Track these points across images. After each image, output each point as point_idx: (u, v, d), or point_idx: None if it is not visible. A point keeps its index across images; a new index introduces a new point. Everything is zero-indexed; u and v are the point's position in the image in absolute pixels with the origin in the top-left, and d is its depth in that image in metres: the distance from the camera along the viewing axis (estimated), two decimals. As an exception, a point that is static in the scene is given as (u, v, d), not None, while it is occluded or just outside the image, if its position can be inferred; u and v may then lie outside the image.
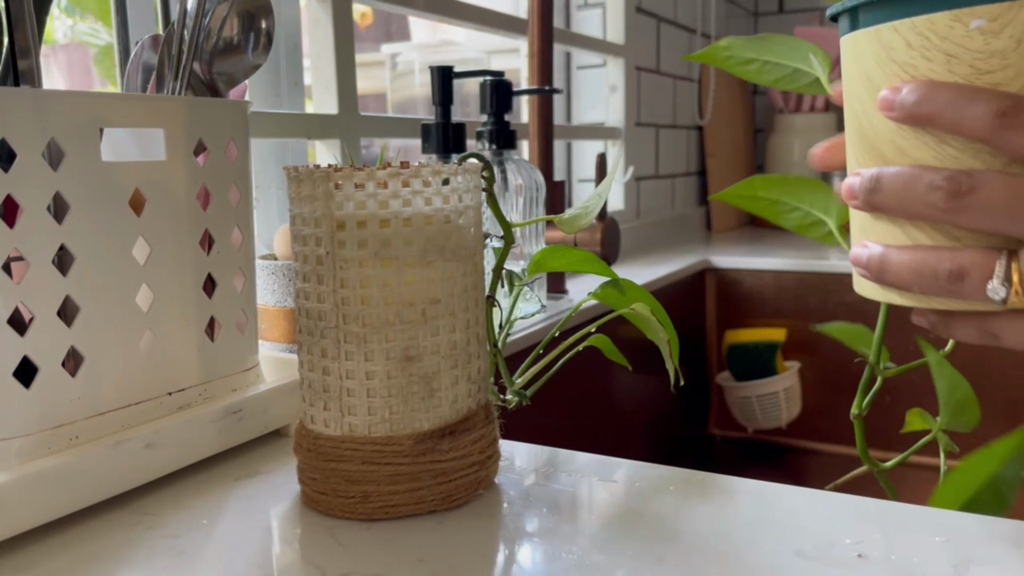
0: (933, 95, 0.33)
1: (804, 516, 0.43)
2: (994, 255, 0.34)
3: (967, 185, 0.33)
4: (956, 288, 0.34)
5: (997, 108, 0.32)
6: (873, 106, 0.36)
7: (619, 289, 0.52)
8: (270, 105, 0.88)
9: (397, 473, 0.43)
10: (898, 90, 0.35)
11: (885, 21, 0.35)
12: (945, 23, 0.34)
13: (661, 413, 1.34)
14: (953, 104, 0.33)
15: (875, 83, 0.36)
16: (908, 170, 0.35)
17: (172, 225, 0.50)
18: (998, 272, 0.34)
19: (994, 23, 0.33)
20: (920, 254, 0.35)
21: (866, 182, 0.36)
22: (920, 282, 0.35)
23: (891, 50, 0.35)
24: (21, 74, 0.44)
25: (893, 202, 0.35)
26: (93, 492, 0.44)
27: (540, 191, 0.89)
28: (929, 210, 0.34)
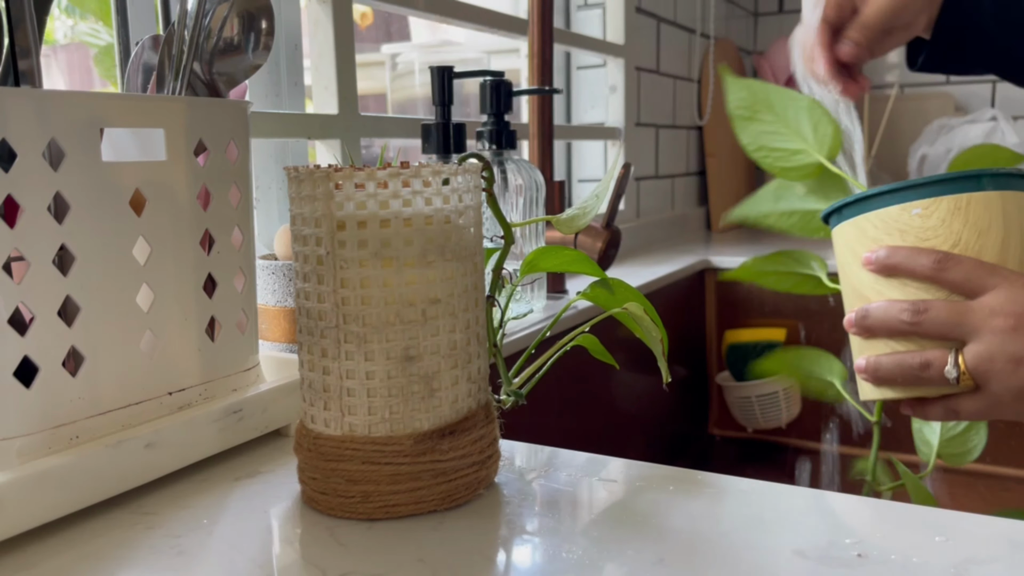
0: (896, 253, 0.53)
1: (804, 516, 0.43)
2: (946, 351, 0.51)
3: (923, 307, 0.51)
4: (925, 375, 0.52)
5: (935, 259, 0.51)
6: (858, 267, 0.55)
7: (608, 289, 0.52)
8: (270, 105, 0.88)
9: (397, 473, 0.43)
10: (874, 252, 0.53)
11: (860, 214, 0.55)
12: (896, 212, 0.53)
13: (661, 413, 1.34)
14: (908, 258, 0.52)
15: (856, 253, 0.55)
16: (885, 303, 0.53)
17: (172, 225, 0.50)
18: (951, 361, 0.51)
19: (926, 210, 0.52)
20: (900, 355, 0.53)
21: (860, 312, 0.54)
22: (902, 374, 0.53)
23: (865, 231, 0.54)
24: (21, 74, 0.44)
25: (877, 324, 0.53)
26: (93, 492, 0.44)
27: (540, 191, 0.89)
28: (902, 326, 0.52)
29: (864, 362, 0.55)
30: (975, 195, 0.51)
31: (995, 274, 0.50)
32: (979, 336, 0.50)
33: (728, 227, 1.91)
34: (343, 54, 0.89)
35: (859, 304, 0.55)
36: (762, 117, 0.73)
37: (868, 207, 0.54)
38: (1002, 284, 0.50)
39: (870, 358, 0.55)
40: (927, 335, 0.51)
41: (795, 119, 0.71)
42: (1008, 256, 0.51)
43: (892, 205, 0.53)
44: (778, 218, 0.75)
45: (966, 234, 0.51)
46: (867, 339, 0.55)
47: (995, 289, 0.50)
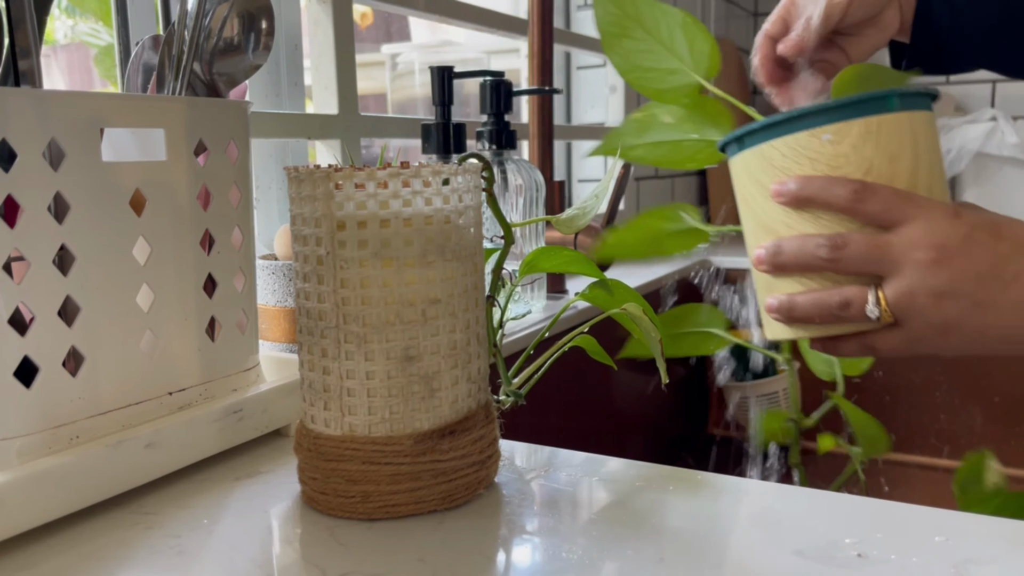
0: (809, 184, 0.49)
1: (804, 516, 0.43)
2: (866, 288, 0.48)
3: (841, 242, 0.48)
4: (845, 314, 0.49)
5: (852, 188, 0.48)
6: (764, 199, 0.51)
7: (607, 289, 0.52)
8: (270, 105, 0.88)
9: (397, 473, 0.43)
10: (784, 183, 0.49)
11: (765, 141, 0.50)
12: (805, 138, 0.49)
13: (661, 413, 1.34)
14: (823, 189, 0.48)
15: (763, 184, 0.51)
16: (800, 238, 0.49)
17: (173, 225, 0.50)
18: (871, 299, 0.48)
19: (836, 135, 0.48)
20: (817, 294, 0.50)
21: (771, 248, 0.50)
22: (820, 313, 0.49)
23: (771, 160, 0.50)
24: (22, 74, 0.44)
25: (792, 260, 0.50)
26: (93, 492, 0.44)
27: (540, 191, 0.89)
28: (819, 262, 0.49)
29: (776, 301, 0.51)
30: (886, 117, 0.48)
31: (913, 203, 0.48)
32: (899, 271, 0.47)
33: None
34: (343, 54, 0.89)
35: (767, 239, 0.51)
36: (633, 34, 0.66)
37: (773, 133, 0.50)
38: (920, 215, 0.47)
39: (783, 297, 0.51)
40: (846, 271, 0.49)
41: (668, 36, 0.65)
42: (918, 182, 0.49)
43: (801, 131, 0.49)
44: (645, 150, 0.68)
45: (877, 160, 0.48)
46: (777, 276, 0.51)
47: (913, 220, 0.47)
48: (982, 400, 1.30)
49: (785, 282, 0.51)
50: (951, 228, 0.47)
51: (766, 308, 0.52)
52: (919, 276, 0.47)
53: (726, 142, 0.54)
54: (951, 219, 0.47)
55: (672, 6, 0.66)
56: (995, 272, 0.46)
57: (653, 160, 0.67)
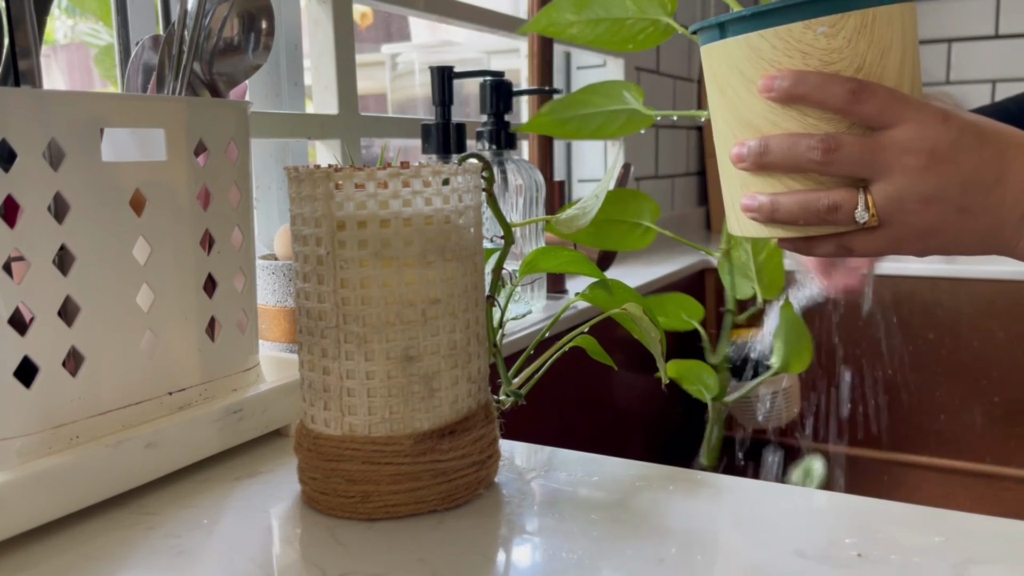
0: (803, 79, 0.46)
1: (804, 516, 0.43)
2: (855, 191, 0.47)
3: (834, 144, 0.46)
4: (832, 217, 0.47)
5: (849, 88, 0.45)
6: (747, 93, 0.48)
7: (607, 290, 0.52)
8: (270, 105, 0.88)
9: (397, 473, 0.43)
10: (774, 78, 0.47)
11: (752, 30, 0.47)
12: (799, 30, 0.46)
13: (661, 413, 1.34)
14: (818, 86, 0.46)
15: (748, 76, 0.48)
16: (790, 136, 0.47)
17: (173, 225, 0.50)
18: (861, 203, 0.47)
19: (832, 28, 0.46)
20: (804, 195, 0.48)
21: (756, 147, 0.48)
22: (806, 215, 0.48)
23: (760, 51, 0.47)
24: (22, 74, 0.44)
25: (780, 160, 0.47)
26: (94, 492, 0.44)
27: (540, 191, 0.89)
28: (810, 164, 0.47)
29: (755, 201, 0.49)
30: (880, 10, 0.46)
31: (907, 105, 0.46)
32: (889, 175, 0.46)
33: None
34: (343, 54, 0.89)
35: (747, 134, 0.49)
36: None
37: (765, 23, 0.47)
38: (912, 117, 0.46)
39: (763, 197, 0.49)
40: (835, 173, 0.47)
41: None
42: (904, 79, 0.47)
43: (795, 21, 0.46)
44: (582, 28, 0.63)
45: (870, 56, 0.46)
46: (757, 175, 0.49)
47: (905, 123, 0.46)
48: (982, 400, 1.30)
49: (763, 180, 0.49)
50: (941, 132, 0.46)
51: (742, 207, 0.50)
52: (909, 181, 0.46)
53: (704, 26, 0.50)
54: (941, 123, 0.46)
55: None
56: (979, 177, 0.46)
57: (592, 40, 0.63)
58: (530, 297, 0.93)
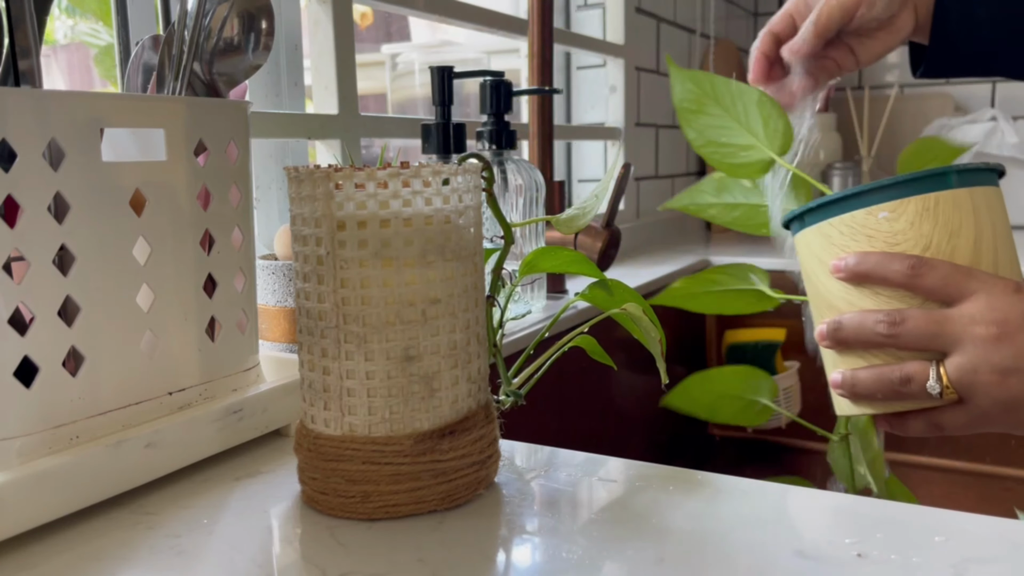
0: (866, 259, 0.49)
1: (804, 516, 0.43)
2: (928, 364, 0.48)
3: (899, 318, 0.48)
4: (907, 390, 0.49)
5: (909, 264, 0.48)
6: (825, 275, 0.52)
7: (607, 290, 0.52)
8: (270, 105, 0.88)
9: (397, 473, 0.43)
10: (842, 259, 0.50)
11: (824, 220, 0.52)
12: (863, 216, 0.50)
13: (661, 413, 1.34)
14: (880, 264, 0.49)
15: (823, 261, 0.52)
16: (859, 314, 0.50)
17: (172, 225, 0.50)
18: (932, 375, 0.48)
19: (893, 213, 0.49)
20: (877, 370, 0.50)
21: (832, 325, 0.51)
22: (881, 389, 0.50)
23: (831, 237, 0.52)
24: (22, 74, 0.44)
25: (852, 336, 0.50)
26: (93, 492, 0.44)
27: (540, 191, 0.89)
28: (878, 338, 0.49)
29: (840, 377, 0.52)
30: (943, 194, 0.48)
31: (972, 278, 0.47)
32: (961, 347, 0.47)
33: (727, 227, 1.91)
34: (343, 54, 0.89)
35: (830, 315, 0.52)
36: (709, 111, 0.68)
37: (831, 212, 0.51)
38: (981, 289, 0.47)
39: (846, 373, 0.51)
40: (905, 347, 0.49)
41: (744, 113, 0.67)
42: (981, 257, 0.49)
43: (857, 209, 0.50)
44: (720, 210, 0.69)
45: (936, 236, 0.49)
46: (841, 352, 0.52)
47: (974, 295, 0.47)
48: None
49: (849, 358, 0.52)
50: (1012, 303, 0.47)
51: (831, 384, 0.53)
52: (981, 352, 0.47)
53: (789, 219, 0.55)
54: (1012, 294, 0.47)
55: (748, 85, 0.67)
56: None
57: (727, 221, 0.69)
58: (530, 297, 0.93)
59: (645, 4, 1.63)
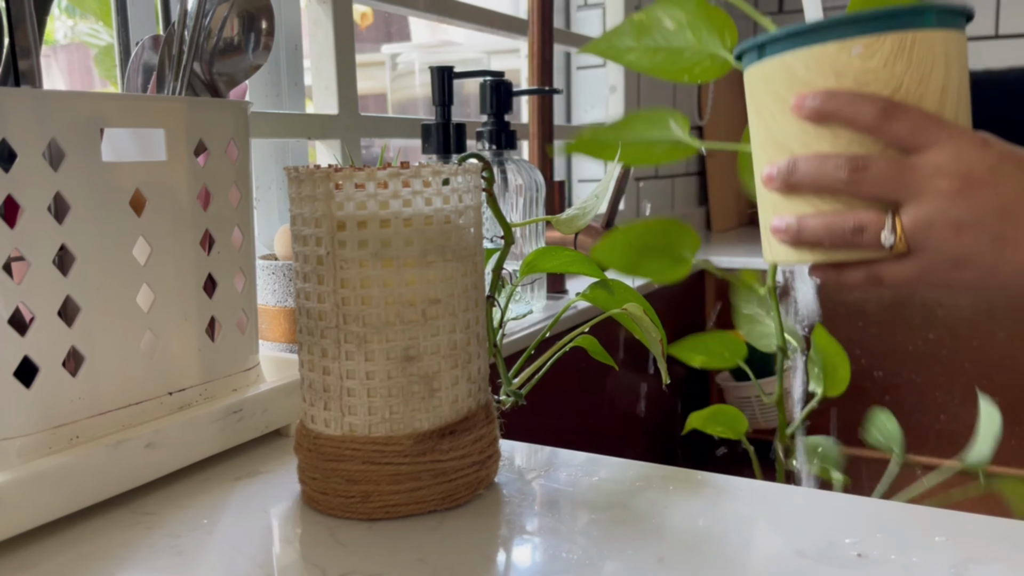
0: (833, 97, 0.45)
1: (804, 516, 0.43)
2: (883, 214, 0.46)
3: (862, 163, 0.45)
4: (857, 239, 0.46)
5: (880, 106, 0.44)
6: (781, 114, 0.48)
7: (608, 289, 0.52)
8: (270, 105, 0.88)
9: (397, 473, 0.43)
10: (805, 96, 0.46)
11: (788, 51, 0.47)
12: (833, 50, 0.46)
13: (661, 413, 1.34)
14: (849, 103, 0.45)
15: (782, 97, 0.48)
16: (817, 156, 0.47)
17: (173, 225, 0.50)
18: (887, 225, 0.45)
19: (868, 49, 0.45)
20: (829, 216, 0.47)
21: (784, 167, 0.48)
22: (831, 237, 0.47)
23: (794, 72, 0.47)
24: (22, 74, 0.44)
25: (808, 180, 0.47)
26: (93, 492, 0.44)
27: (540, 191, 0.89)
28: (836, 183, 0.46)
29: (783, 222, 0.48)
30: (920, 33, 0.45)
31: (942, 128, 0.45)
32: (920, 198, 0.45)
33: (728, 227, 1.90)
34: (343, 54, 0.89)
35: (779, 156, 0.48)
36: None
37: (799, 42, 0.47)
38: (948, 140, 0.45)
39: (790, 218, 0.48)
40: (863, 195, 0.46)
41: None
42: (946, 106, 0.46)
43: (829, 41, 0.46)
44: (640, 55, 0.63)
45: (908, 79, 0.46)
46: (787, 196, 0.49)
47: (940, 145, 0.45)
48: (982, 400, 1.30)
49: (794, 202, 0.49)
50: (978, 157, 0.45)
51: (772, 229, 0.50)
52: (940, 205, 0.45)
53: (744, 49, 0.51)
54: (979, 148, 0.45)
55: None
56: (1019, 206, 0.44)
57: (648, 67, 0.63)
58: (530, 297, 0.93)
59: (645, 4, 1.63)
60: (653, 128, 0.66)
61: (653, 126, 0.66)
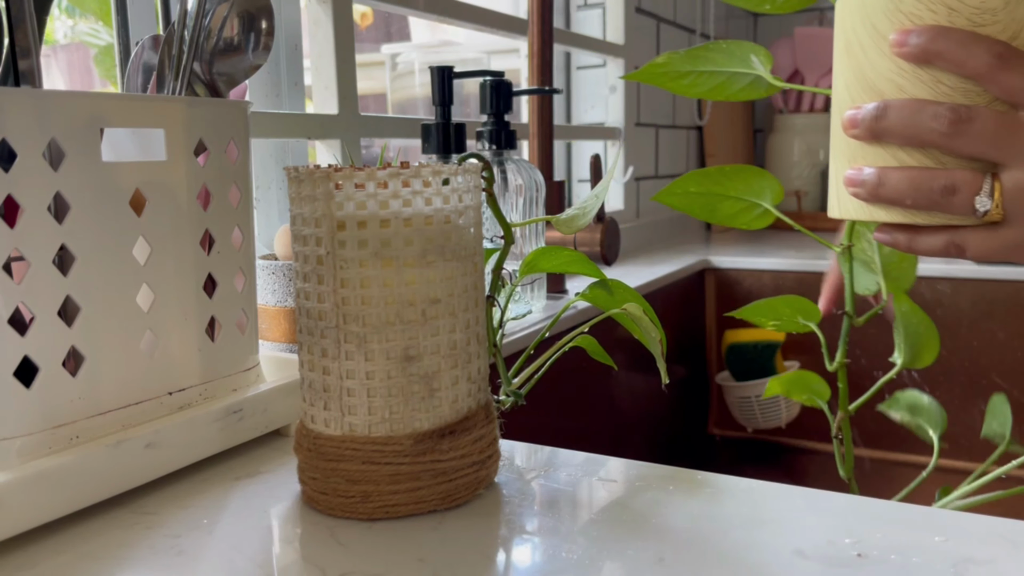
0: (944, 35, 0.40)
1: (804, 516, 0.43)
2: (980, 175, 0.41)
3: (966, 116, 0.40)
4: (947, 201, 0.41)
5: (996, 52, 0.39)
6: (876, 50, 0.42)
7: (607, 289, 0.52)
8: (270, 105, 0.88)
9: (397, 473, 0.43)
10: (909, 32, 0.40)
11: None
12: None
13: (661, 413, 1.34)
14: (960, 45, 0.39)
15: (880, 30, 0.42)
16: (913, 102, 0.41)
17: (172, 225, 0.50)
18: (985, 189, 0.40)
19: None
20: (917, 172, 0.41)
21: (872, 111, 0.42)
22: (915, 195, 0.41)
23: (900, 2, 0.41)
24: (22, 74, 0.44)
25: (898, 128, 0.41)
26: (93, 492, 0.44)
27: (540, 191, 0.89)
28: (932, 135, 0.40)
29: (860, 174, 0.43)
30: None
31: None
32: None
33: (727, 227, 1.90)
34: (343, 54, 0.89)
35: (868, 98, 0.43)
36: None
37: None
38: None
39: (869, 169, 0.43)
40: (961, 152, 0.41)
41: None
42: None
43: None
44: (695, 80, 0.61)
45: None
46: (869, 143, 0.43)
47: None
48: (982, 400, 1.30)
49: (877, 152, 0.43)
50: None
51: (846, 180, 0.44)
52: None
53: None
54: None
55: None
56: None
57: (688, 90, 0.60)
58: (530, 297, 0.93)
59: (645, 4, 1.63)
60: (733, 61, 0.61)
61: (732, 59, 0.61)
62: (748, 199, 0.65)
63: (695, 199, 0.66)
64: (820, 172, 1.94)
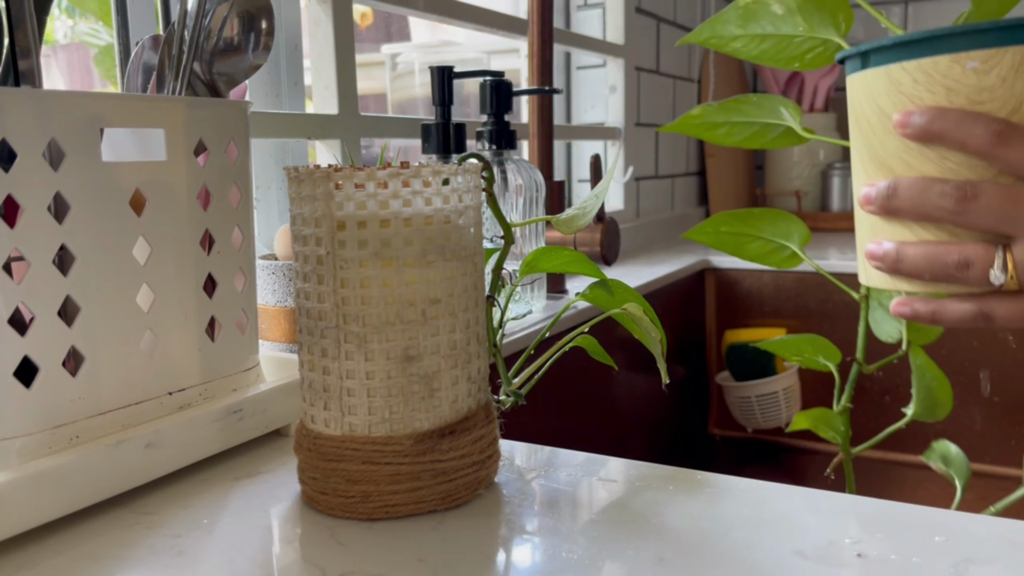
0: (942, 116, 0.41)
1: (804, 516, 0.43)
2: (992, 248, 0.42)
3: (971, 192, 0.41)
4: (962, 275, 0.42)
5: (995, 129, 0.40)
6: (883, 129, 0.44)
7: (607, 289, 0.52)
8: (270, 105, 0.88)
9: (397, 473, 0.43)
10: (911, 113, 0.42)
11: (894, 62, 0.43)
12: (945, 64, 0.42)
13: (661, 413, 1.34)
14: (959, 124, 0.41)
15: (885, 111, 0.44)
16: (921, 180, 0.42)
17: (172, 225, 0.50)
18: (997, 263, 0.41)
19: (985, 64, 0.41)
20: (932, 247, 0.43)
21: (884, 190, 0.44)
22: (932, 270, 0.43)
23: (899, 84, 0.43)
24: (21, 74, 0.44)
25: (908, 205, 0.43)
26: (93, 492, 0.44)
27: (540, 191, 0.89)
28: (940, 212, 0.42)
29: (880, 249, 0.44)
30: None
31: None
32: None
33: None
34: (343, 54, 0.89)
35: (879, 175, 0.44)
36: None
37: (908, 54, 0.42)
38: None
39: (888, 245, 0.44)
40: (970, 226, 0.42)
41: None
42: None
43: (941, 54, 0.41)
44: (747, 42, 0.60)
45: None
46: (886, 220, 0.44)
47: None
48: (982, 400, 1.30)
49: (893, 227, 0.45)
50: None
51: (867, 254, 0.46)
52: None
53: (846, 56, 0.47)
54: None
55: None
56: None
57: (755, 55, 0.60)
58: (530, 297, 0.93)
59: (645, 4, 1.63)
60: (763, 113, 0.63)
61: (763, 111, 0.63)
62: (777, 240, 0.68)
63: (726, 237, 0.69)
64: (820, 172, 1.94)
